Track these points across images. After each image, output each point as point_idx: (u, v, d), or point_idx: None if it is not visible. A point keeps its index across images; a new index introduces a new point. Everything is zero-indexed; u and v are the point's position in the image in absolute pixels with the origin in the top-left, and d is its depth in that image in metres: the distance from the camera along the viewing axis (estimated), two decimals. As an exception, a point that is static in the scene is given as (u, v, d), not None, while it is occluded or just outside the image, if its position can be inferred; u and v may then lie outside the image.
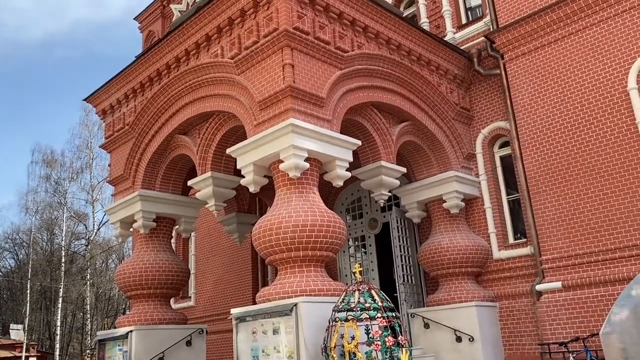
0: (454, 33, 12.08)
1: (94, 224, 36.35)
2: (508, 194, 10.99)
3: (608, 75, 9.27)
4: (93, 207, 35.90)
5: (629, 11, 9.17)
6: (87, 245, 36.75)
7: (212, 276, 15.78)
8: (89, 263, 36.25)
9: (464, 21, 12.31)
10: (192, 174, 10.49)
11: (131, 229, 10.98)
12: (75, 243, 38.94)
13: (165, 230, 10.96)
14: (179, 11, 19.20)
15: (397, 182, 9.91)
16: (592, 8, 9.51)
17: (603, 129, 9.19)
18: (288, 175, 7.97)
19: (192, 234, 15.82)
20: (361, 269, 7.45)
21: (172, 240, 14.00)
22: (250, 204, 12.98)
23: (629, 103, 8.95)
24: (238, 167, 8.62)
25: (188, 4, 19.06)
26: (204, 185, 9.67)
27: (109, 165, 11.65)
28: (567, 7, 9.71)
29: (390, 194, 10.09)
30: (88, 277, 35.49)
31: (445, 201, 10.58)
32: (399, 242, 11.08)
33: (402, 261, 10.96)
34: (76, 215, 37.44)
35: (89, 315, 35.53)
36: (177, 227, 11.40)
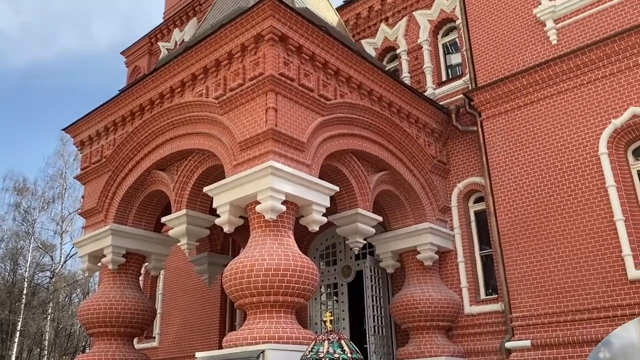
0: (434, 89, 12.44)
1: (60, 256, 35.34)
2: (481, 249, 11.09)
3: (580, 139, 9.58)
4: (61, 239, 35.01)
5: (601, 79, 9.58)
6: (51, 278, 35.58)
7: (178, 317, 15.36)
8: (51, 296, 35.00)
9: (444, 78, 12.71)
10: (166, 210, 10.36)
11: (99, 264, 10.71)
12: (39, 275, 37.64)
13: (134, 267, 10.71)
14: (166, 49, 19.50)
15: (373, 230, 9.93)
16: (567, 74, 9.92)
17: (575, 190, 9.42)
18: (264, 217, 7.94)
19: (161, 272, 15.48)
20: (332, 317, 7.34)
21: (140, 278, 13.68)
22: (223, 244, 12.82)
23: (600, 167, 9.22)
24: (214, 206, 8.56)
25: (176, 42, 19.39)
26: (177, 222, 9.55)
27: (82, 197, 11.46)
28: (543, 72, 10.11)
29: (365, 241, 10.08)
30: (49, 311, 34.19)
31: (419, 252, 10.60)
32: (372, 291, 11.00)
33: (373, 311, 10.85)
34: (43, 246, 36.38)
35: (46, 352, 34.02)
36: (146, 264, 11.16)
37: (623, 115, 9.16)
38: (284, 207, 7.94)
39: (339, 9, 14.31)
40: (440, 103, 11.83)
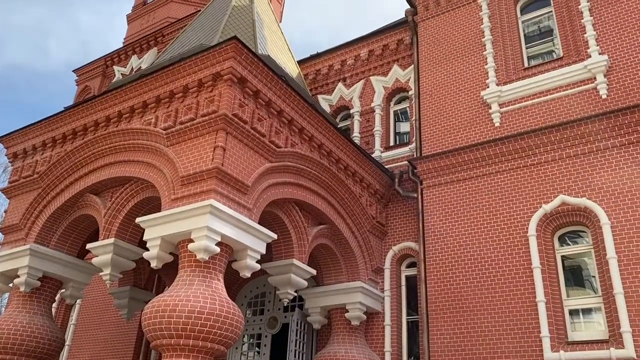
0: (381, 152, 12.79)
1: (-32, 272, 32.74)
2: (409, 314, 11.15)
3: (512, 218, 10.01)
4: (-27, 254, 32.55)
5: (536, 165, 10.15)
6: (-47, 295, 32.79)
7: (89, 351, 14.40)
8: (-51, 315, 32.11)
9: (391, 143, 13.12)
10: (93, 237, 9.90)
11: (11, 285, 9.98)
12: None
13: (48, 292, 10.04)
14: (121, 74, 19.21)
15: (305, 283, 9.82)
16: (505, 156, 10.45)
17: (502, 267, 9.73)
18: (195, 257, 7.70)
19: (78, 301, 14.61)
20: (251, 368, 7.11)
21: (54, 305, 12.85)
22: (148, 280, 12.29)
23: (528, 248, 9.60)
24: (145, 238, 8.24)
25: (133, 68, 19.17)
26: (103, 251, 9.11)
27: (5, 212, 10.79)
28: (484, 151, 10.62)
29: (295, 294, 9.94)
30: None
31: (348, 311, 10.54)
32: (295, 346, 10.75)
33: (294, 367, 10.58)
34: (-50, 259, 33.67)
35: None
36: (62, 291, 10.50)
37: (553, 202, 9.67)
38: (217, 249, 7.74)
39: (301, 62, 14.68)
40: (386, 166, 12.14)
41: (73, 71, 20.71)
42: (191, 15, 18.20)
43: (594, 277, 9.24)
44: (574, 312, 9.19)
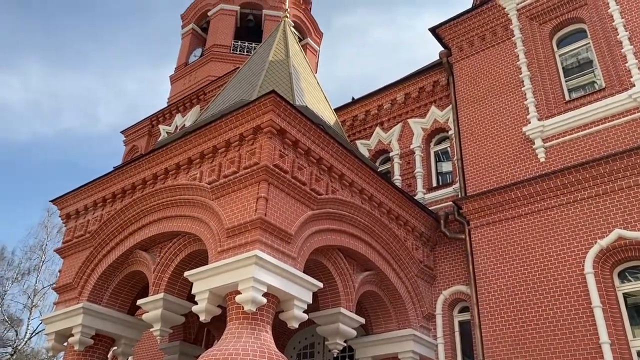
0: (424, 194, 12.64)
1: (26, 332, 33.61)
2: (464, 361, 10.69)
3: (566, 256, 9.59)
4: (30, 313, 33.49)
5: (587, 200, 9.79)
6: (12, 355, 33.60)
7: (140, 409, 14.39)
8: (8, 375, 32.87)
9: (434, 184, 12.96)
10: (143, 293, 10.05)
11: (66, 343, 10.19)
12: (0, 350, 35.59)
13: (101, 350, 10.19)
14: (166, 132, 19.96)
15: (354, 333, 9.61)
16: (554, 192, 10.14)
17: (560, 308, 9.28)
18: (243, 309, 7.68)
19: (129, 358, 14.70)
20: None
21: (106, 362, 12.96)
22: (197, 334, 12.31)
23: (585, 286, 9.14)
24: (193, 292, 8.31)
25: (177, 126, 19.89)
26: (153, 306, 9.22)
27: (59, 271, 11.14)
28: (531, 187, 10.35)
29: (345, 344, 9.72)
30: (4, 391, 31.95)
31: (400, 360, 10.21)
32: (348, 398, 10.44)
33: (348, 420, 10.23)
34: (9, 320, 34.71)
35: None
36: (115, 348, 10.63)
37: (609, 237, 9.25)
38: (264, 300, 7.72)
39: (337, 110, 14.90)
40: (430, 208, 11.96)
41: (121, 132, 21.65)
42: (230, 73, 18.88)
43: (662, 315, 8.67)
44: (643, 354, 8.61)
